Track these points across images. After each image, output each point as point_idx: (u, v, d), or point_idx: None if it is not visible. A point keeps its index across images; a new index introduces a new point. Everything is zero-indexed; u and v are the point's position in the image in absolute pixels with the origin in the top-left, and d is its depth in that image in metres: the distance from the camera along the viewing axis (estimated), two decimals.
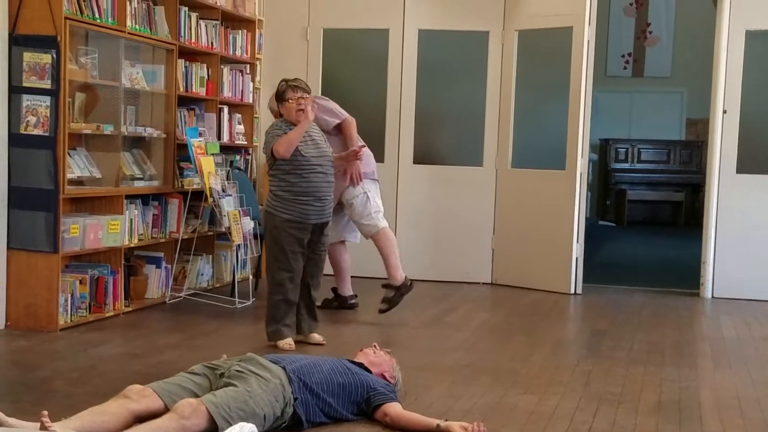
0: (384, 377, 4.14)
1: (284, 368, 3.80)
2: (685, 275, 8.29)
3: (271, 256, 5.46)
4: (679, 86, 14.12)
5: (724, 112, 7.66)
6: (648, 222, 14.32)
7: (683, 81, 13.89)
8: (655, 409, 4.32)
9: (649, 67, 14.27)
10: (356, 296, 6.80)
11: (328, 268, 5.98)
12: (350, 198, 6.40)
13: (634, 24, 14.24)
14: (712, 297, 7.68)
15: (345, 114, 6.51)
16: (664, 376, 4.98)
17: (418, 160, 8.27)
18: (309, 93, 5.48)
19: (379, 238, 6.45)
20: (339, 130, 6.46)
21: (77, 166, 5.99)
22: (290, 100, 5.38)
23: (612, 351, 5.58)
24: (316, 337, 5.52)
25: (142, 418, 3.43)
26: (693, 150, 14.04)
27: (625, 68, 14.28)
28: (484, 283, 8.05)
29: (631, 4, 14.11)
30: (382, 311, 6.30)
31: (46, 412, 3.25)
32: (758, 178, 7.67)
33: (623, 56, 14.31)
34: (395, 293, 6.34)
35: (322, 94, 8.10)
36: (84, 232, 5.82)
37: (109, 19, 6.08)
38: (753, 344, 5.95)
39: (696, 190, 13.27)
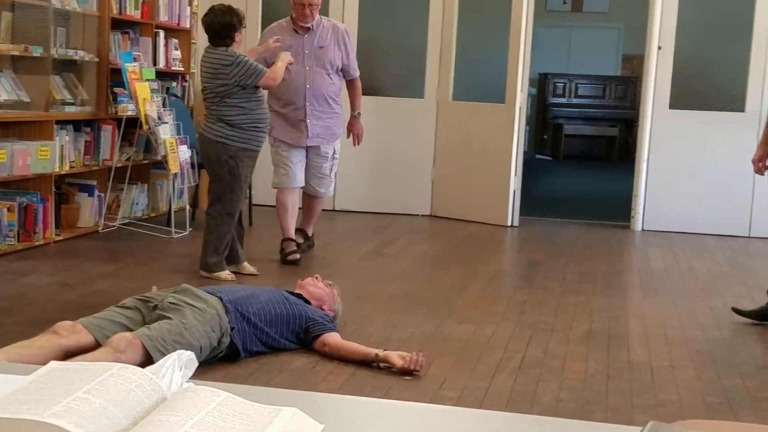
0: (323, 309, 4.14)
1: (221, 298, 3.77)
2: (618, 208, 8.41)
3: (224, 186, 5.29)
4: (617, 22, 14.16)
5: (659, 48, 7.70)
6: (583, 156, 14.46)
7: (620, 17, 13.93)
8: (585, 338, 4.41)
9: (588, 3, 14.26)
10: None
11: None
12: (336, 152, 6.19)
13: None
14: (642, 229, 7.82)
15: (357, 68, 6.24)
16: (594, 305, 5.08)
17: None
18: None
19: (322, 202, 6.38)
20: (337, 73, 6.11)
21: (4, 89, 5.80)
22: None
23: (546, 282, 5.66)
24: (249, 267, 5.48)
25: (72, 354, 3.32)
26: (628, 86, 14.16)
27: (564, 3, 14.25)
28: (423, 215, 8.08)
29: None
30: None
31: None
32: (690, 113, 7.76)
33: None
34: (307, 244, 6.28)
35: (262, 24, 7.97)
36: (12, 158, 5.65)
37: None
38: (679, 275, 6.09)
39: (630, 125, 13.42)
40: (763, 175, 4.94)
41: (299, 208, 6.13)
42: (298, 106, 5.90)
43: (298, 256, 5.80)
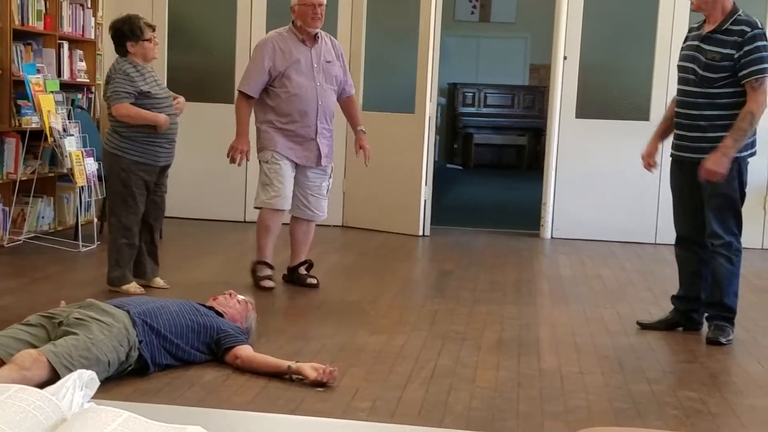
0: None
1: (128, 312, 3.71)
2: (527, 217, 8.54)
3: (117, 199, 5.23)
4: (524, 32, 14.42)
5: (565, 58, 7.87)
6: (493, 165, 14.66)
7: (527, 27, 14.18)
8: (496, 346, 4.47)
9: (495, 13, 14.49)
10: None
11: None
12: (332, 170, 5.75)
13: None
14: (552, 237, 7.96)
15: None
16: (505, 314, 5.15)
17: None
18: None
19: (313, 227, 5.77)
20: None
21: None
22: (150, 41, 5.17)
23: (457, 291, 5.72)
24: (159, 281, 5.40)
25: None
26: (536, 95, 14.41)
27: (472, 13, 14.44)
28: (335, 226, 8.07)
29: None
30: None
31: None
32: (596, 122, 7.93)
33: (470, 1, 14.46)
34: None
35: (168, 33, 7.87)
36: None
37: None
38: (587, 282, 6.21)
39: (538, 134, 13.66)
40: (651, 171, 5.06)
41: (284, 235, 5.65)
42: (308, 123, 5.42)
43: (272, 283, 5.44)
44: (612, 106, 8.01)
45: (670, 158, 4.88)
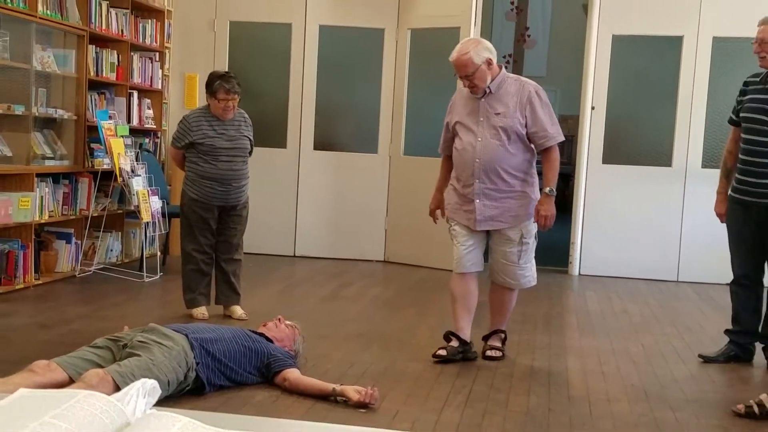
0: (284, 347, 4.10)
1: (186, 336, 3.73)
2: (556, 254, 8.47)
3: (182, 229, 5.40)
4: (553, 85, 14.36)
5: (593, 108, 7.84)
6: None
7: (557, 80, 14.16)
8: (528, 373, 4.40)
9: (527, 68, 14.51)
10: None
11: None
12: (528, 236, 4.62)
13: (514, 28, 14.45)
14: (579, 274, 7.88)
15: (558, 134, 4.63)
16: (536, 344, 5.08)
17: (318, 146, 8.22)
18: (239, 95, 5.27)
19: (513, 296, 4.79)
20: (521, 142, 4.55)
21: None
22: (220, 101, 5.19)
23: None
24: (238, 311, 5.37)
25: None
26: (565, 144, 14.25)
27: (506, 68, 14.45)
28: (377, 261, 8.07)
29: (512, 10, 14.31)
30: (493, 358, 4.67)
31: None
32: (622, 168, 7.88)
33: (504, 57, 14.48)
34: (503, 345, 4.78)
35: None
36: None
37: (21, 4, 5.82)
38: (614, 317, 6.12)
39: (566, 179, 13.57)
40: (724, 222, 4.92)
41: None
42: (468, 182, 4.60)
43: (443, 352, 4.52)
44: (636, 153, 7.95)
45: (732, 200, 4.77)
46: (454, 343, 4.56)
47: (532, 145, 4.57)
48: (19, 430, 0.89)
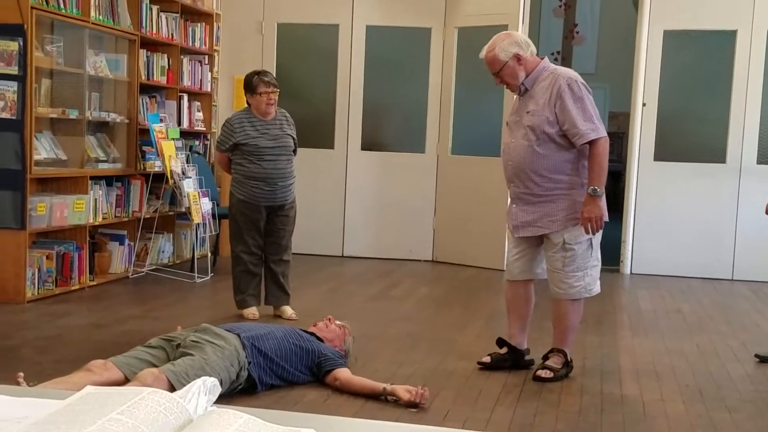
0: (335, 346, 4.13)
1: (238, 335, 3.78)
2: (607, 253, 8.33)
3: (231, 231, 5.47)
4: (603, 82, 14.24)
5: (644, 105, 7.75)
6: None
7: (606, 77, 14.02)
8: (579, 373, 4.37)
9: (575, 64, 14.35)
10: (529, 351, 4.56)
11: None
12: (572, 241, 4.23)
13: (562, 24, 14.32)
14: (631, 273, 7.80)
15: (600, 129, 4.27)
16: (587, 343, 5.04)
17: (365, 147, 8.25)
18: (278, 88, 5.35)
19: (574, 308, 4.34)
20: (551, 142, 4.22)
21: (43, 148, 5.86)
22: (262, 94, 5.26)
23: (541, 321, 5.59)
24: (288, 311, 5.42)
25: None
26: (615, 141, 14.16)
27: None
28: (425, 261, 8.07)
29: (560, 6, 14.18)
30: (541, 378, 4.24)
31: (21, 374, 3.22)
32: (673, 165, 7.77)
33: (552, 54, 14.34)
34: (564, 368, 4.31)
35: None
36: (50, 210, 5.71)
37: (74, 10, 5.95)
38: (666, 316, 6.05)
39: (617, 177, 13.43)
40: None
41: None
42: (508, 186, 4.45)
43: (487, 359, 4.37)
44: (689, 150, 7.84)
45: None
46: (503, 350, 4.43)
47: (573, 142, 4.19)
48: (87, 426, 0.92)
